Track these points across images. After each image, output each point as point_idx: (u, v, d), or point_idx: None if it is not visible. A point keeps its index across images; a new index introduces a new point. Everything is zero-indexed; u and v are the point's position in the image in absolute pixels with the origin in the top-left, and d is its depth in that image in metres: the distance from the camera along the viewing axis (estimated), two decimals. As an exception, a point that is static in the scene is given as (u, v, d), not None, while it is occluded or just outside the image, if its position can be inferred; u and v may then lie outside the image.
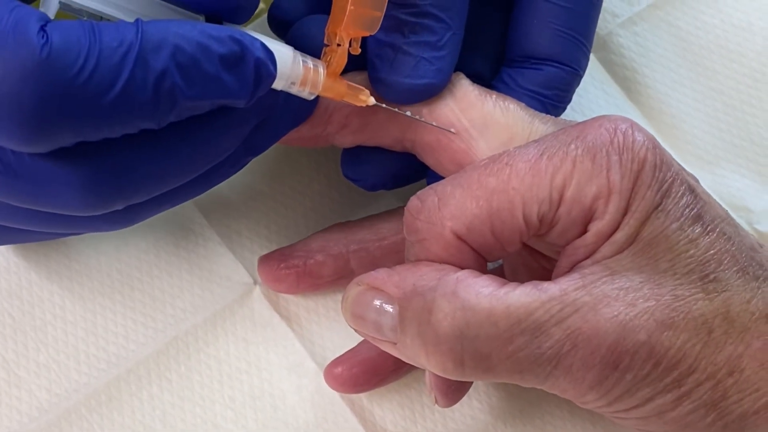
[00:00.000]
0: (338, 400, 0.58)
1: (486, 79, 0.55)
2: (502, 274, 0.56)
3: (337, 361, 0.57)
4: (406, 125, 0.53)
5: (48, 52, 0.39)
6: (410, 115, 0.52)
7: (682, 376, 0.45)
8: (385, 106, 0.52)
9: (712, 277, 0.45)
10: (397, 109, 0.52)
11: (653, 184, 0.46)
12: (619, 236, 0.45)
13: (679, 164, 0.48)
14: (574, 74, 0.55)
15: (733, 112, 0.64)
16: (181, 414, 0.58)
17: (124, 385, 0.58)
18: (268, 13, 0.55)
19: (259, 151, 0.52)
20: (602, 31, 0.65)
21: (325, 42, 0.50)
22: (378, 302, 0.48)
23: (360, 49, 0.50)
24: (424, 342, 0.46)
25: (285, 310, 0.60)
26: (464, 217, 0.47)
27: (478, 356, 0.45)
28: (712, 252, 0.46)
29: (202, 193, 0.51)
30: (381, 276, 0.48)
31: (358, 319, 0.49)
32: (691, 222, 0.46)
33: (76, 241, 0.59)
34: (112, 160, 0.44)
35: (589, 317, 0.44)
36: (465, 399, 0.58)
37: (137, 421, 0.57)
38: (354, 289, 0.49)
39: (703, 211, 0.46)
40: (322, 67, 0.49)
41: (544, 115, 0.52)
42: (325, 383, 0.58)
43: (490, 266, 0.52)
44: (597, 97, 0.64)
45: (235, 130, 0.47)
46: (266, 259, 0.59)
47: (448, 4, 0.50)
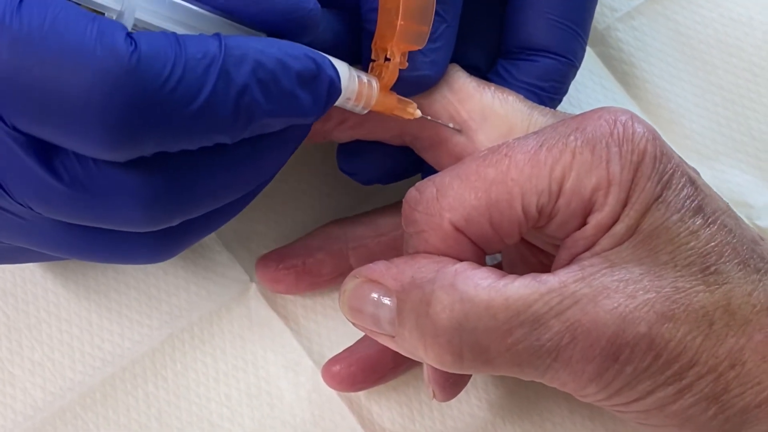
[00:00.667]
0: (336, 398, 0.58)
1: (482, 71, 0.55)
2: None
3: (335, 360, 0.57)
4: (404, 120, 0.52)
5: (137, 60, 0.39)
6: (452, 126, 0.52)
7: (683, 369, 0.44)
8: (431, 119, 0.52)
9: (713, 269, 0.45)
10: (440, 122, 0.52)
11: (653, 176, 0.45)
12: (619, 228, 0.45)
13: (680, 156, 0.47)
14: (570, 65, 0.54)
15: (733, 107, 0.64)
16: (177, 412, 0.57)
17: (119, 383, 0.58)
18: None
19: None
20: (600, 26, 0.65)
21: (372, 57, 0.50)
22: (376, 295, 0.48)
23: (407, 63, 0.49)
24: (423, 334, 0.46)
25: (282, 308, 0.60)
26: (463, 209, 0.46)
27: (477, 348, 0.45)
28: (713, 244, 0.45)
29: (237, 214, 0.50)
30: (379, 268, 0.48)
31: (356, 312, 0.49)
32: (692, 214, 0.45)
33: (71, 239, 0.59)
34: (179, 173, 0.43)
35: (589, 309, 0.44)
36: (463, 396, 0.58)
37: (132, 419, 0.57)
38: (352, 282, 0.49)
39: (704, 203, 0.46)
40: (375, 82, 0.49)
41: (543, 107, 0.52)
42: (323, 381, 0.57)
43: (489, 263, 0.52)
44: (595, 92, 0.64)
45: (292, 145, 0.47)
46: (264, 261, 0.59)
47: None
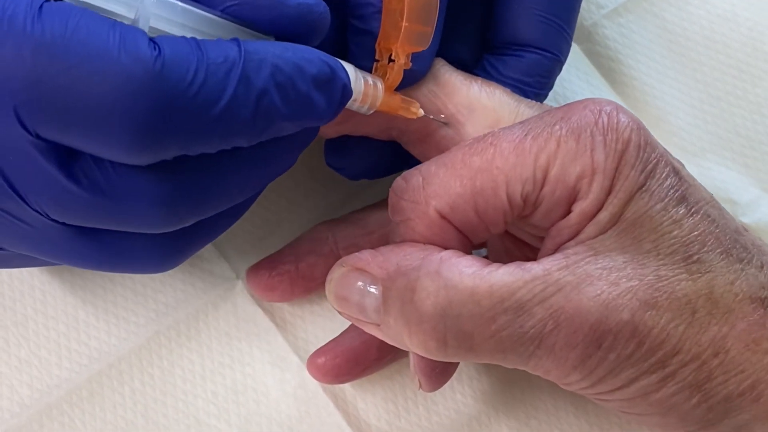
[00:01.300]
0: (321, 394, 0.58)
1: (468, 66, 0.55)
2: (487, 264, 0.56)
3: (320, 352, 0.57)
4: (392, 115, 0.52)
5: (162, 65, 0.39)
6: (441, 118, 0.52)
7: (667, 357, 0.45)
8: (433, 117, 0.52)
9: (695, 258, 0.45)
10: (432, 117, 0.52)
11: (637, 164, 0.45)
12: (603, 216, 0.45)
13: (664, 148, 0.48)
14: (556, 60, 0.55)
15: (719, 104, 0.64)
16: (163, 409, 0.57)
17: (105, 380, 0.57)
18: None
19: None
20: (587, 22, 0.65)
21: (376, 57, 0.50)
22: (362, 283, 0.48)
23: (411, 64, 0.50)
24: (407, 321, 0.46)
25: (268, 305, 0.60)
26: (448, 196, 0.47)
27: (461, 335, 0.45)
28: (696, 233, 0.46)
29: (241, 217, 0.50)
30: (365, 257, 0.48)
31: (342, 300, 0.49)
32: (676, 203, 0.46)
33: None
34: (196, 175, 0.44)
35: (572, 296, 0.44)
36: (448, 392, 0.58)
37: (119, 416, 0.57)
38: (338, 271, 0.49)
39: (688, 193, 0.46)
40: (380, 83, 0.50)
41: (529, 100, 0.52)
42: (308, 374, 0.57)
43: (475, 258, 0.52)
44: (581, 89, 0.64)
45: (302, 147, 0.48)
46: (255, 270, 0.59)
47: None
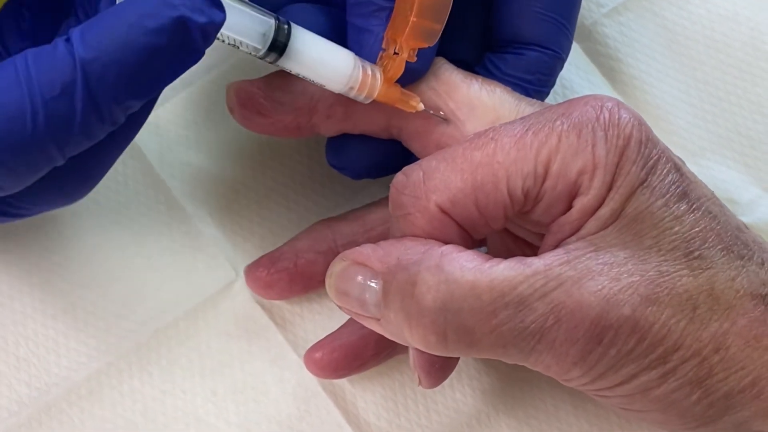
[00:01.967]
0: (321, 392, 0.58)
1: (470, 65, 0.55)
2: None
3: (317, 346, 0.57)
4: (392, 112, 0.52)
5: None
6: (441, 115, 0.52)
7: (667, 353, 0.45)
8: (432, 113, 0.52)
9: (696, 254, 0.45)
10: (431, 112, 0.52)
11: (638, 160, 0.45)
12: (604, 212, 0.45)
13: (665, 144, 0.48)
14: (557, 58, 0.55)
15: (719, 103, 0.64)
16: (162, 407, 0.57)
17: (104, 379, 0.57)
18: None
19: None
20: (587, 21, 0.65)
21: (383, 46, 0.50)
22: (362, 278, 0.48)
23: (416, 58, 0.50)
24: (408, 316, 0.46)
25: (267, 303, 0.59)
26: (449, 191, 0.47)
27: (462, 330, 0.45)
28: (697, 229, 0.46)
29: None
30: (365, 251, 0.48)
31: (342, 295, 0.49)
32: (677, 199, 0.46)
33: (56, 234, 0.59)
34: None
35: (573, 291, 0.44)
36: (449, 391, 0.58)
37: (118, 414, 0.57)
38: (338, 265, 0.49)
39: (689, 189, 0.46)
40: (379, 73, 0.50)
41: (530, 98, 0.52)
42: (308, 373, 0.57)
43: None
44: (581, 87, 0.64)
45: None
46: (254, 267, 0.59)
47: None
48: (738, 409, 0.46)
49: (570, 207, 0.46)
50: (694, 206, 0.46)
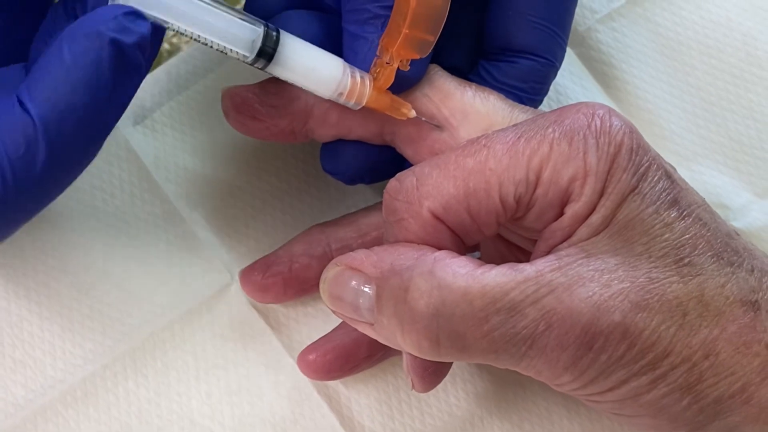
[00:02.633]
0: (315, 396, 0.58)
1: (463, 72, 0.55)
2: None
3: (310, 348, 0.57)
4: (385, 118, 0.53)
5: None
6: (434, 123, 0.53)
7: (657, 359, 0.45)
8: (425, 120, 0.52)
9: (686, 261, 0.45)
10: (424, 119, 0.53)
11: (629, 167, 0.46)
12: (595, 218, 0.45)
13: (656, 151, 0.48)
14: (550, 66, 0.55)
15: (711, 109, 0.64)
16: (157, 410, 0.57)
17: (100, 381, 0.58)
18: (244, 6, 0.55)
19: None
20: (581, 27, 0.65)
21: (378, 53, 0.51)
22: (356, 283, 0.48)
23: (409, 67, 0.50)
24: (400, 321, 0.46)
25: (262, 307, 0.60)
26: (441, 197, 0.47)
27: (454, 335, 0.45)
28: (687, 236, 0.46)
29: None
30: (359, 256, 0.48)
31: (336, 300, 0.49)
32: (667, 206, 0.46)
33: (52, 236, 0.59)
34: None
35: (564, 297, 0.44)
36: (442, 394, 0.58)
37: (113, 417, 0.57)
38: (332, 270, 0.49)
39: (680, 197, 0.46)
40: (369, 80, 0.50)
41: (523, 106, 0.53)
42: (301, 376, 0.57)
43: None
44: (575, 93, 0.64)
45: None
46: (248, 271, 0.59)
47: None
48: (728, 415, 0.46)
49: (562, 214, 0.46)
50: (685, 213, 0.46)
